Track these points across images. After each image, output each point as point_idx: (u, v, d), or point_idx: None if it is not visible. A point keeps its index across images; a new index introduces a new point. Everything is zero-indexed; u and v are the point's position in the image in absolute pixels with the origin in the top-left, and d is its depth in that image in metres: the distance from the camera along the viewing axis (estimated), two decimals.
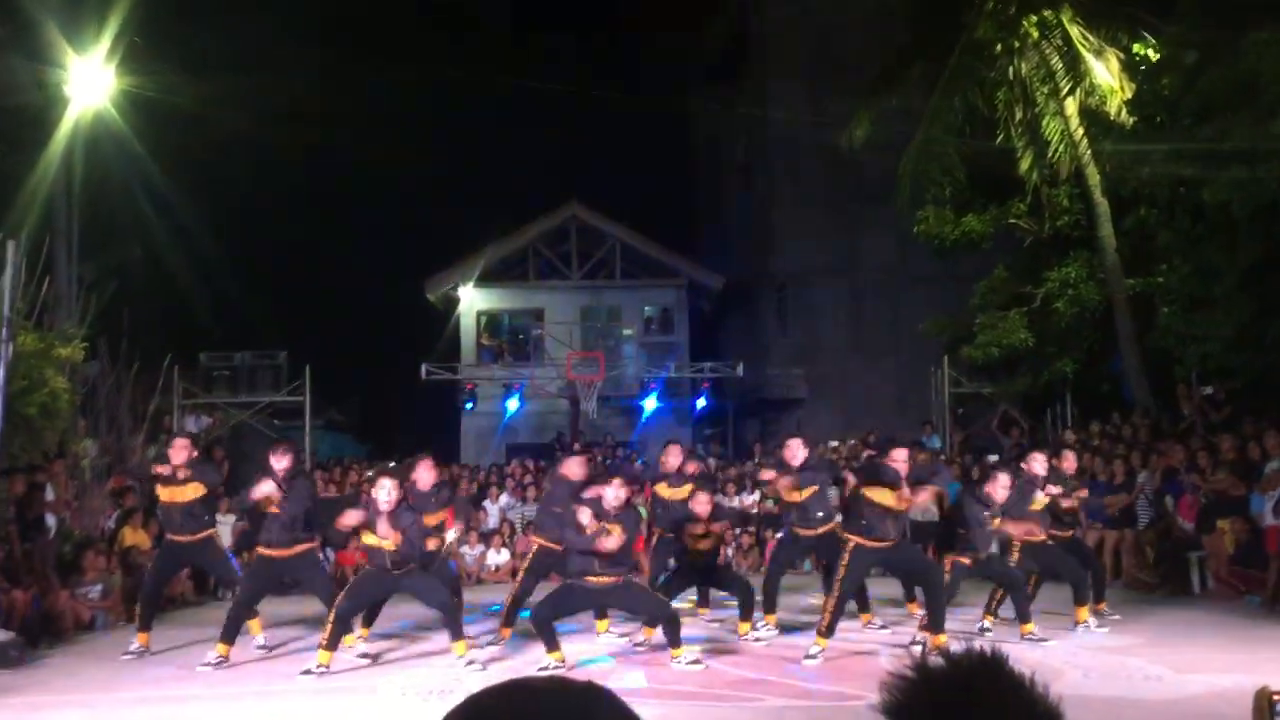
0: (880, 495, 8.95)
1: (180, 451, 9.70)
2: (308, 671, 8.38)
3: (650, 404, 24.31)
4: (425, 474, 9.74)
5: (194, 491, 9.66)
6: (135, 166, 17.53)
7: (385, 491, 8.54)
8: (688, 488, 10.30)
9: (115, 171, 17.44)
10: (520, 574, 10.44)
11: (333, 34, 30.94)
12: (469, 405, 24.71)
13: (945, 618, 9.06)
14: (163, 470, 9.71)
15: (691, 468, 11.26)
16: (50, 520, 11.90)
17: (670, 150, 35.07)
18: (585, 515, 8.46)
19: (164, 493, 9.76)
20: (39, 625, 10.42)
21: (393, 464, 10.71)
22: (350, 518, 8.75)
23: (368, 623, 9.80)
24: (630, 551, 8.90)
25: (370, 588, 8.84)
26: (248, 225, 28.93)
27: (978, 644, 1.15)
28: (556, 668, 8.19)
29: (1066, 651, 8.87)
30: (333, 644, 8.49)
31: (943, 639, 8.75)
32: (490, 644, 9.64)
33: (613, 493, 8.67)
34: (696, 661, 8.49)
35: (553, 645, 8.43)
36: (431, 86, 28.12)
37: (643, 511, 11.60)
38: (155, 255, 21.86)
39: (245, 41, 24.44)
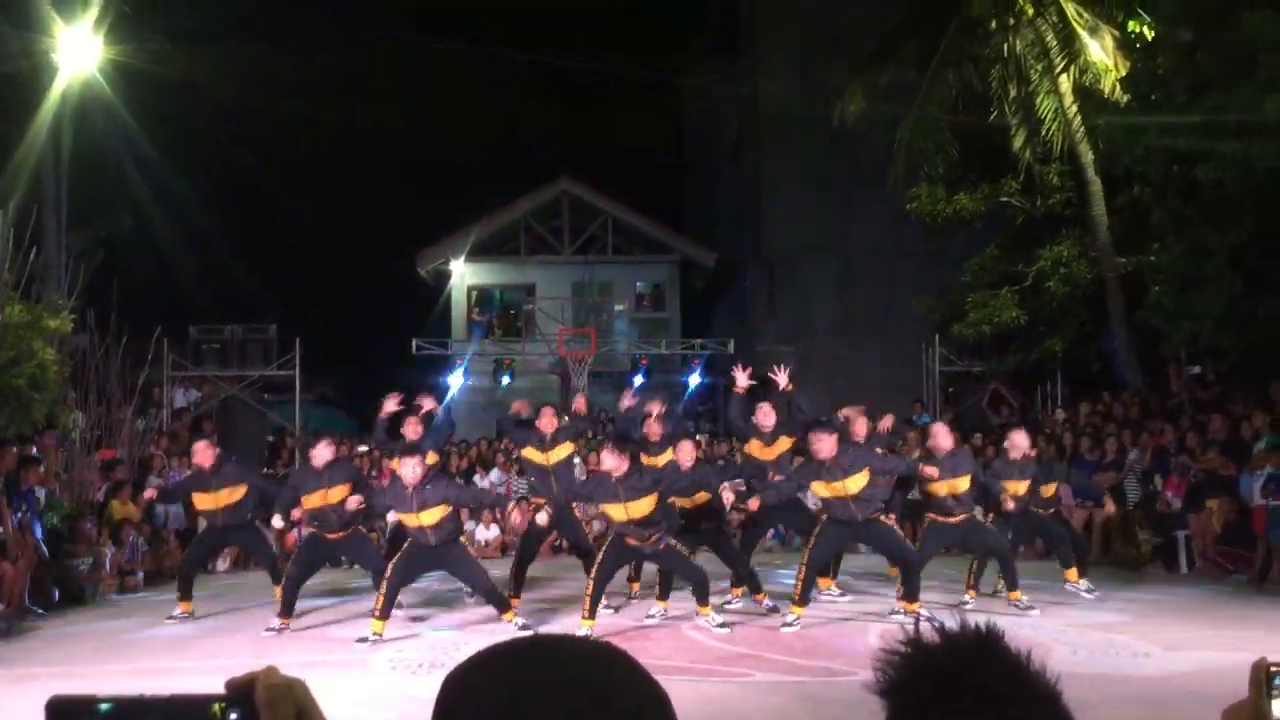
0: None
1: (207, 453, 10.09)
2: (363, 639, 8.62)
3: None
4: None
5: (233, 495, 10.09)
6: (124, 136, 17.42)
7: (410, 468, 8.76)
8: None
9: (104, 141, 17.32)
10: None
11: (323, 5, 30.73)
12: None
13: (920, 587, 9.20)
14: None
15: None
16: (39, 492, 11.87)
17: (663, 128, 35.00)
18: None
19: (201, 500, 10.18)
20: (29, 597, 10.41)
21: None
22: (353, 502, 9.13)
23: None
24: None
25: (413, 563, 9.09)
26: (238, 197, 28.85)
27: (973, 620, 1.14)
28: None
29: (1055, 628, 8.91)
30: (385, 613, 8.77)
31: (916, 606, 8.87)
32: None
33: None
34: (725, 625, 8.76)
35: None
36: (424, 59, 27.98)
37: None
38: (145, 226, 21.76)
39: (235, 11, 24.24)
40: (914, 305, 21.28)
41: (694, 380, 24.92)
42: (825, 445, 8.95)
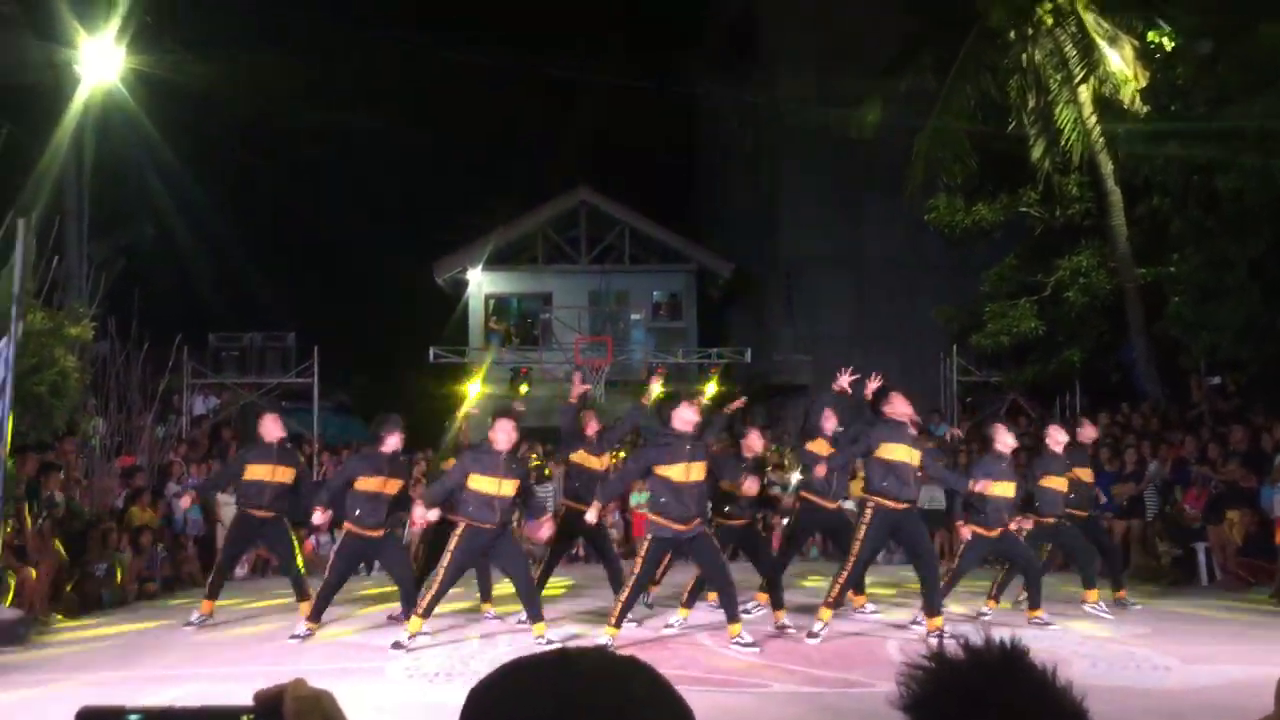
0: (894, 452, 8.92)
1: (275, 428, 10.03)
2: (398, 645, 8.51)
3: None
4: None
5: (287, 474, 9.95)
6: (146, 146, 17.56)
7: (505, 432, 8.59)
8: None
9: (126, 150, 17.46)
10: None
11: (343, 15, 30.90)
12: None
13: (942, 601, 9.10)
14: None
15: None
16: (59, 498, 11.95)
17: (680, 137, 35.01)
18: None
19: (256, 470, 9.90)
20: (49, 603, 10.47)
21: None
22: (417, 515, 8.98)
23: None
24: None
25: (468, 556, 8.83)
26: (257, 206, 28.98)
27: (998, 636, 1.14)
28: None
29: (1074, 640, 8.87)
30: (429, 611, 8.66)
31: (939, 621, 8.77)
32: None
33: None
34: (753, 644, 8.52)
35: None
36: (448, 69, 28.06)
37: None
38: (166, 235, 21.92)
39: (257, 20, 24.41)
40: (932, 315, 21.23)
41: (711, 389, 24.88)
42: (904, 405, 8.93)
